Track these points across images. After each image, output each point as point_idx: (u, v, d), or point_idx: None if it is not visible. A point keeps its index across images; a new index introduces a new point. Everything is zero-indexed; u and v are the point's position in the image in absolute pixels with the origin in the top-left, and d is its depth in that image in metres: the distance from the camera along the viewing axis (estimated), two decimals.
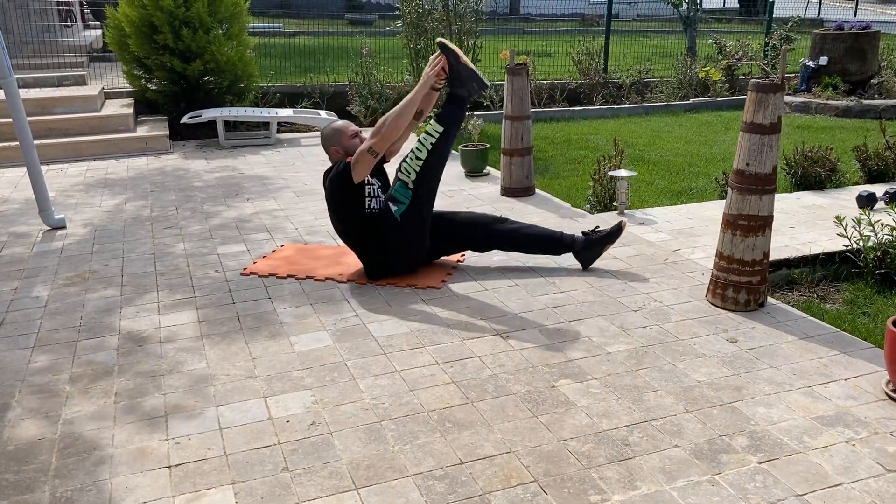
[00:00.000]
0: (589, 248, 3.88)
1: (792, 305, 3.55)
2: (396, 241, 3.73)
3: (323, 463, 2.32)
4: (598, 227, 3.97)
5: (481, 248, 3.96)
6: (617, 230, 3.89)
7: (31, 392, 2.76)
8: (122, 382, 2.82)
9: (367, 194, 3.70)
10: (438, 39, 3.86)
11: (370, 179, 3.73)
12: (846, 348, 3.04)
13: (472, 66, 3.78)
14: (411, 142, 7.32)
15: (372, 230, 3.71)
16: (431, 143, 3.69)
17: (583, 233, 3.95)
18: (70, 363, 2.98)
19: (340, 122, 3.87)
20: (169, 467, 2.31)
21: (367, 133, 3.81)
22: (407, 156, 3.76)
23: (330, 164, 3.84)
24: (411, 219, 3.70)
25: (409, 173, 3.70)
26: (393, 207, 3.70)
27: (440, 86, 3.82)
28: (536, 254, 3.98)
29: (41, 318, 3.41)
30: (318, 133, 8.06)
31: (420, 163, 3.69)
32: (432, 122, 3.75)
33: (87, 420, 2.57)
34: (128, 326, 3.31)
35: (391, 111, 3.71)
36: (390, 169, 4.04)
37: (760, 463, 2.31)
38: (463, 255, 4.15)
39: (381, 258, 3.77)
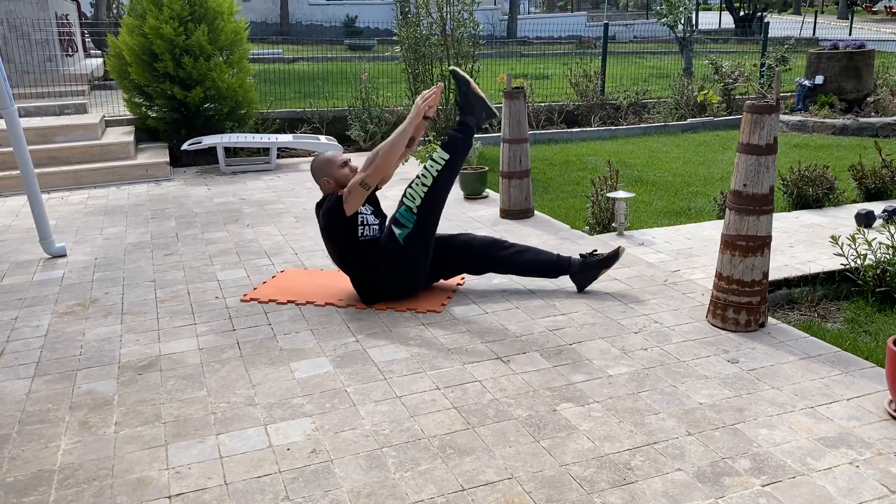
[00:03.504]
0: (584, 271, 3.88)
1: (792, 325, 3.54)
2: (397, 265, 3.73)
3: (324, 491, 2.31)
4: (595, 250, 3.98)
5: (477, 271, 3.96)
6: (614, 255, 3.89)
7: (31, 422, 2.75)
8: (122, 412, 2.81)
9: (359, 223, 3.74)
10: (451, 68, 3.90)
11: (362, 207, 3.76)
12: (848, 368, 3.03)
13: (482, 95, 3.81)
14: (408, 168, 7.35)
15: (366, 256, 3.74)
16: (437, 171, 3.72)
17: (581, 255, 3.95)
18: (70, 393, 2.97)
19: (330, 153, 3.90)
20: (169, 497, 2.30)
21: (356, 161, 3.83)
22: (413, 181, 3.77)
23: (322, 196, 3.86)
24: (414, 242, 3.71)
25: (414, 199, 3.71)
26: (397, 231, 3.71)
27: (431, 116, 3.86)
28: (533, 276, 3.99)
29: (41, 348, 3.40)
30: None
31: (425, 189, 3.71)
32: (438, 149, 3.78)
33: (86, 450, 2.56)
34: (128, 355, 3.30)
35: (383, 143, 3.74)
36: (393, 192, 4.06)
37: (764, 486, 2.30)
38: (463, 278, 4.16)
39: (377, 283, 3.77)
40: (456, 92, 3.86)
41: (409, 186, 3.77)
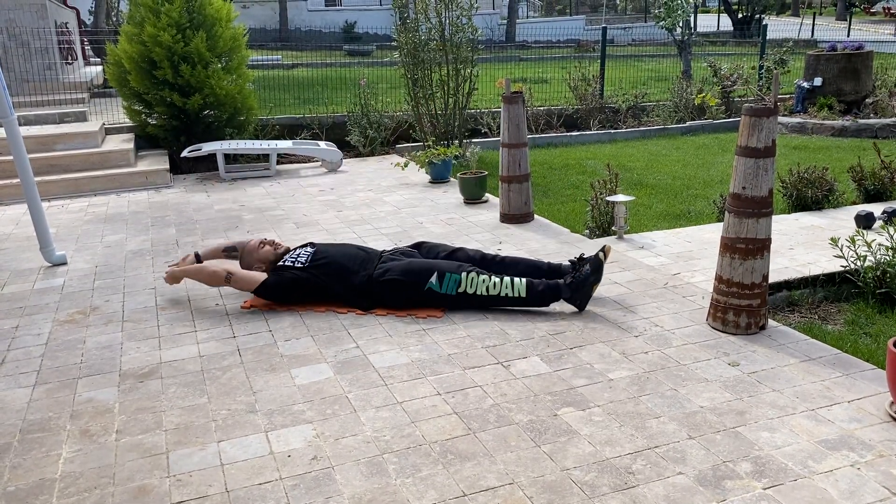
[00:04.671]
0: (576, 291, 3.69)
1: (793, 327, 3.54)
2: (403, 292, 3.73)
3: (325, 498, 2.31)
4: (583, 254, 3.89)
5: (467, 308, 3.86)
6: (598, 266, 3.70)
7: (32, 431, 2.75)
8: (123, 419, 2.81)
9: (288, 266, 3.84)
10: (608, 248, 3.82)
11: (276, 265, 3.90)
12: (848, 370, 3.03)
13: (593, 295, 3.76)
14: (408, 173, 7.35)
15: (328, 268, 3.81)
16: (505, 294, 3.68)
17: (570, 261, 3.91)
18: (71, 401, 2.97)
19: (250, 244, 4.07)
20: None
21: (272, 235, 4.11)
22: (486, 275, 3.71)
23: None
24: (430, 297, 3.71)
25: (471, 286, 3.67)
26: (432, 280, 3.69)
27: (192, 267, 4.03)
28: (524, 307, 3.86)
29: (42, 356, 3.40)
30: (318, 163, 8.12)
31: (486, 293, 3.68)
32: (524, 282, 3.69)
33: (87, 458, 2.56)
34: (129, 362, 3.31)
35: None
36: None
37: (765, 489, 2.29)
38: None
39: (361, 291, 3.80)
40: (589, 268, 3.72)
41: (481, 273, 3.71)
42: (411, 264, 3.79)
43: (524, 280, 3.73)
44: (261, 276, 3.86)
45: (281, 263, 3.90)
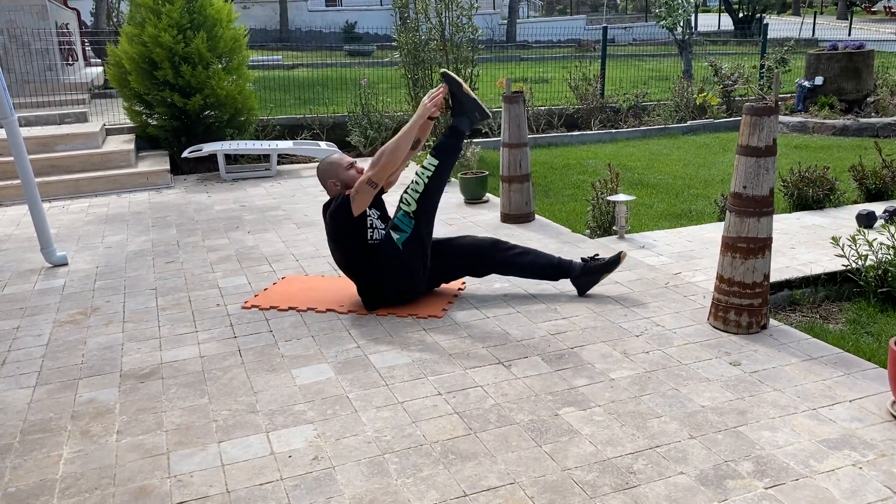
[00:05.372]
0: (586, 274, 3.88)
1: (794, 327, 3.53)
2: (398, 270, 3.74)
3: (326, 498, 2.30)
4: (597, 254, 3.97)
5: (478, 273, 3.97)
6: (616, 260, 3.88)
7: (33, 431, 2.75)
8: (124, 420, 2.81)
9: (368, 225, 3.74)
10: (442, 70, 3.92)
11: (369, 210, 3.75)
12: (850, 369, 3.03)
13: (473, 95, 3.84)
14: (410, 171, 7.36)
15: (373, 261, 3.74)
16: (428, 177, 3.74)
17: (582, 259, 3.95)
18: (72, 402, 2.97)
19: (336, 155, 3.91)
20: None
21: (362, 164, 3.84)
22: (408, 187, 3.80)
23: (328, 198, 3.87)
24: (413, 246, 3.72)
25: (410, 204, 3.73)
26: (395, 236, 3.72)
27: (436, 116, 3.86)
28: (533, 278, 3.99)
29: (43, 357, 3.40)
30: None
31: (418, 194, 3.73)
32: (429, 155, 3.80)
33: (88, 459, 2.56)
34: (129, 363, 3.30)
35: (389, 142, 3.75)
36: (391, 198, 4.07)
37: (767, 488, 2.29)
38: (463, 283, 4.15)
39: (381, 288, 3.77)
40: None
41: (405, 192, 3.79)
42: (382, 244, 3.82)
43: (429, 156, 3.78)
44: (358, 208, 3.65)
45: (366, 213, 3.75)
